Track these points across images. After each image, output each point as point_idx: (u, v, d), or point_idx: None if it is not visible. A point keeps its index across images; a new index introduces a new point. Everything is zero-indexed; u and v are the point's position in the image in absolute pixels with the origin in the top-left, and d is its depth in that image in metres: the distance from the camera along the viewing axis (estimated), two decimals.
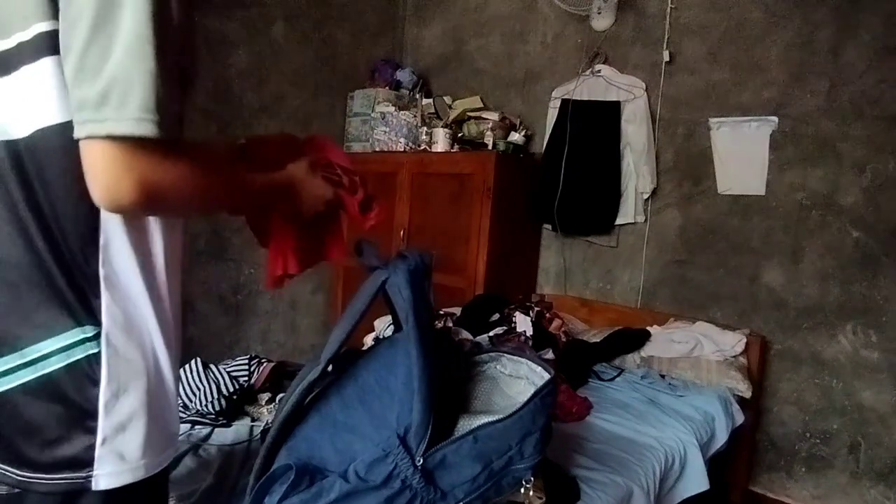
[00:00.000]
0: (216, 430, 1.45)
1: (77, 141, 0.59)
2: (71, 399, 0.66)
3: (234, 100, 2.92)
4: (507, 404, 0.98)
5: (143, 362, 0.70)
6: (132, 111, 0.57)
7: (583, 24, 2.92)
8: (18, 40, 0.62)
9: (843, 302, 2.28)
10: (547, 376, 0.99)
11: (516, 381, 1.05)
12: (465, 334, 2.18)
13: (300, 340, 3.41)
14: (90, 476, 0.67)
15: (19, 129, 0.63)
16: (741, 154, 2.48)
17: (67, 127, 0.60)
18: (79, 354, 0.66)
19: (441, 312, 2.44)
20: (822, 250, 2.32)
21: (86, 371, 0.66)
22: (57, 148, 0.63)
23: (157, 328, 0.72)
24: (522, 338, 2.18)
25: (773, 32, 2.41)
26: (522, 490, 0.93)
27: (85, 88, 0.57)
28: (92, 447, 0.67)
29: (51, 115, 0.62)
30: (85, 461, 0.66)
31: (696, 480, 1.76)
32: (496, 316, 2.39)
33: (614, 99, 2.75)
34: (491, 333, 2.23)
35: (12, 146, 0.64)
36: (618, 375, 2.27)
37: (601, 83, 2.80)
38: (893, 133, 2.17)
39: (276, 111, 3.11)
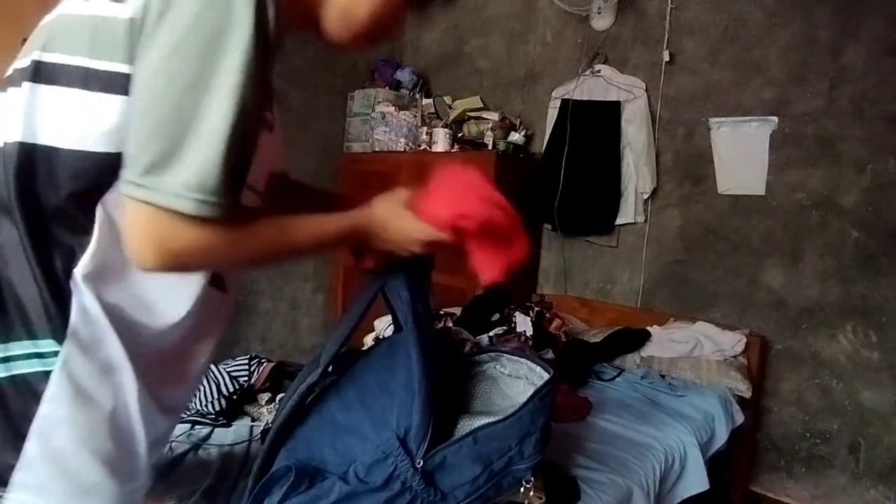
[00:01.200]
0: (216, 430, 1.46)
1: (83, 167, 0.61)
2: (11, 410, 0.62)
3: None
4: (507, 405, 0.98)
5: (105, 397, 0.65)
6: (176, 187, 0.57)
7: (583, 24, 2.92)
8: (87, 65, 0.61)
9: (843, 302, 2.28)
10: (546, 376, 0.99)
11: (516, 380, 1.05)
12: (465, 334, 2.18)
13: (300, 340, 3.41)
14: None
15: (53, 139, 0.62)
16: (741, 154, 2.48)
17: (81, 155, 0.62)
18: (24, 369, 0.62)
19: (441, 312, 2.44)
20: (822, 250, 2.32)
21: (31, 387, 0.62)
22: (76, 166, 0.63)
23: (131, 366, 0.67)
24: (522, 338, 2.18)
25: (773, 32, 2.41)
26: (522, 490, 0.93)
27: (147, 151, 0.57)
28: (12, 467, 0.62)
29: (86, 142, 0.62)
30: (2, 479, 0.62)
31: (696, 480, 1.76)
32: (496, 316, 2.39)
33: (614, 99, 2.75)
34: (491, 333, 2.23)
35: (30, 150, 0.63)
36: (618, 375, 2.27)
37: (601, 83, 2.80)
38: (893, 133, 2.17)
39: (277, 111, 3.10)
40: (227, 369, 1.67)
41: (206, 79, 0.57)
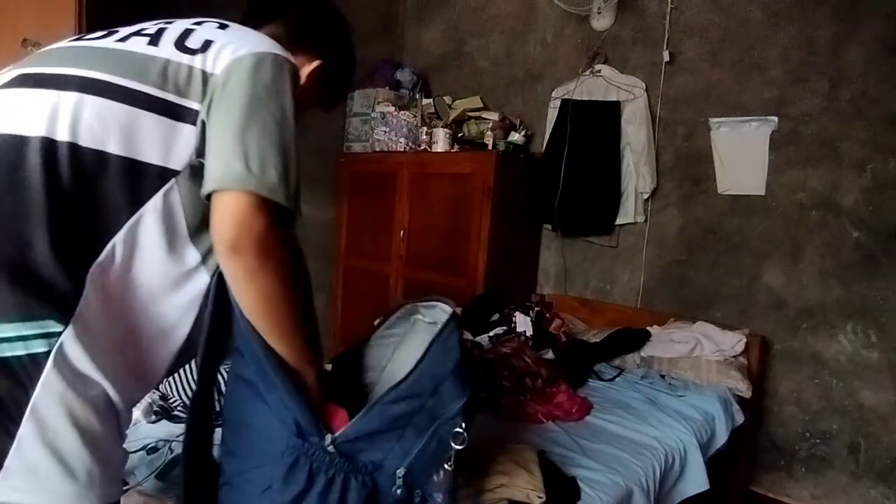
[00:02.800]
0: (216, 429, 1.45)
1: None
2: (1, 394, 0.64)
3: None
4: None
5: (95, 381, 0.69)
6: (271, 181, 0.74)
7: (583, 24, 2.92)
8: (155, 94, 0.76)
9: (843, 302, 2.28)
10: (448, 314, 0.96)
11: (434, 327, 1.02)
12: (465, 334, 2.18)
13: None
14: None
15: (103, 143, 0.72)
16: (741, 154, 2.48)
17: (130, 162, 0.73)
18: (22, 350, 0.64)
19: None
20: (822, 250, 2.32)
21: (28, 368, 0.64)
22: (116, 174, 0.73)
23: (121, 355, 0.73)
24: (522, 338, 2.18)
25: (773, 32, 2.41)
26: (454, 438, 0.89)
27: (235, 160, 0.73)
28: (4, 453, 0.63)
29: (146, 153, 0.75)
30: None
31: (696, 480, 1.76)
32: (496, 316, 2.39)
33: (614, 99, 2.75)
34: (491, 333, 2.24)
35: (76, 150, 0.71)
36: (618, 375, 2.27)
37: (601, 83, 2.80)
38: (893, 133, 2.17)
39: None
40: (227, 369, 1.67)
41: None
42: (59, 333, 0.65)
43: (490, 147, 2.88)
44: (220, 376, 1.60)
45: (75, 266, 0.68)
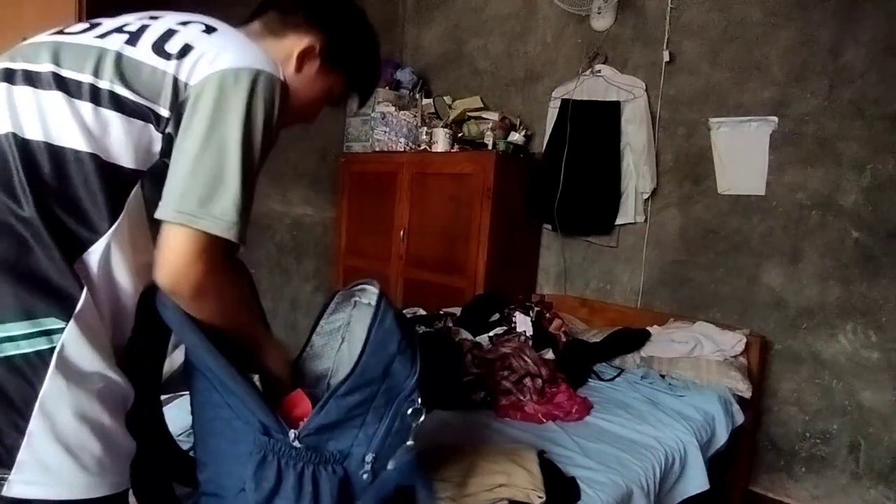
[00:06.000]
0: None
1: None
2: (9, 392, 0.65)
3: None
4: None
5: (100, 375, 0.70)
6: (222, 216, 0.73)
7: (583, 24, 2.92)
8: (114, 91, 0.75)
9: (843, 302, 2.28)
10: (375, 295, 0.97)
11: (371, 308, 1.01)
12: (465, 334, 2.18)
13: (300, 340, 3.40)
14: (4, 479, 0.64)
15: (74, 142, 0.72)
16: (741, 154, 2.48)
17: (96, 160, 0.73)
18: (28, 348, 0.65)
19: (441, 312, 2.44)
20: (822, 250, 2.32)
21: (33, 366, 0.65)
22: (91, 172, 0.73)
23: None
24: (522, 338, 2.18)
25: (773, 32, 2.41)
26: (411, 411, 0.90)
27: (193, 184, 0.73)
28: (16, 449, 0.64)
29: (104, 151, 0.74)
30: (6, 461, 0.64)
31: (696, 480, 1.76)
32: (496, 316, 2.39)
33: (614, 99, 2.75)
34: (491, 333, 2.23)
35: (57, 151, 0.72)
36: (618, 375, 2.27)
37: (601, 83, 2.80)
38: (893, 133, 2.17)
39: None
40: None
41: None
42: (61, 330, 0.67)
43: (490, 147, 2.88)
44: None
45: (72, 264, 0.69)
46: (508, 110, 3.14)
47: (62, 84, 0.74)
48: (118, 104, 0.74)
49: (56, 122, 0.72)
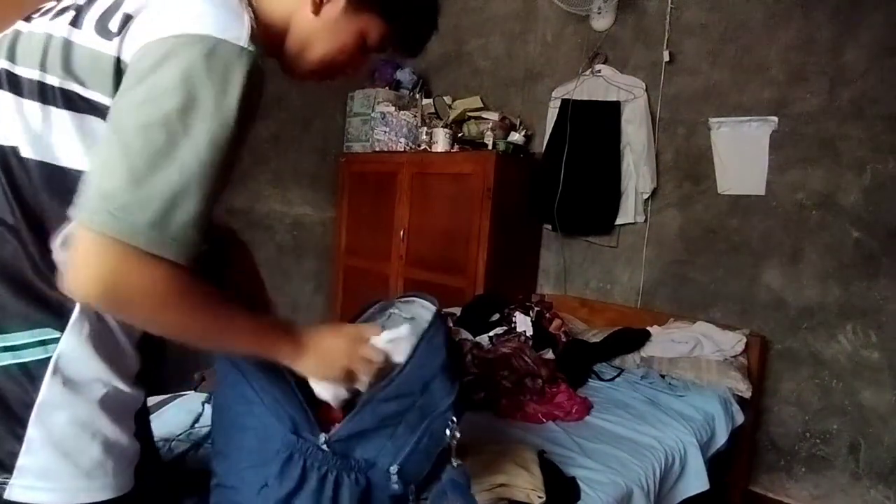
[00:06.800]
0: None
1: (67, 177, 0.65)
2: (8, 400, 0.64)
3: None
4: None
5: (100, 383, 0.68)
6: (144, 220, 0.58)
7: (583, 24, 2.92)
8: (67, 87, 0.66)
9: (843, 302, 2.28)
10: (432, 312, 0.96)
11: (411, 322, 1.03)
12: (465, 334, 2.18)
13: None
14: (5, 483, 0.64)
15: (27, 151, 0.66)
16: (741, 154, 2.48)
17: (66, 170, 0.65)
18: (26, 357, 0.64)
19: (441, 312, 2.43)
20: (822, 250, 2.32)
21: (31, 374, 0.64)
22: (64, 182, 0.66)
23: (124, 354, 0.71)
24: (522, 338, 2.18)
25: (773, 32, 2.41)
26: (449, 432, 0.90)
27: (113, 182, 0.59)
28: (15, 455, 0.64)
29: (67, 157, 0.66)
30: (7, 466, 0.64)
31: (696, 480, 1.76)
32: (496, 316, 2.39)
33: (614, 99, 2.75)
34: (491, 333, 2.23)
35: (26, 162, 0.66)
36: (618, 375, 2.27)
37: (601, 83, 2.80)
38: (893, 133, 2.17)
39: (277, 111, 3.11)
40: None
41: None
42: (57, 340, 0.66)
43: (490, 147, 2.88)
44: None
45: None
46: (508, 110, 3.14)
47: (14, 83, 0.67)
48: (68, 101, 0.66)
49: (6, 125, 0.66)
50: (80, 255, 0.59)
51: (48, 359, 0.65)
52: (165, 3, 0.65)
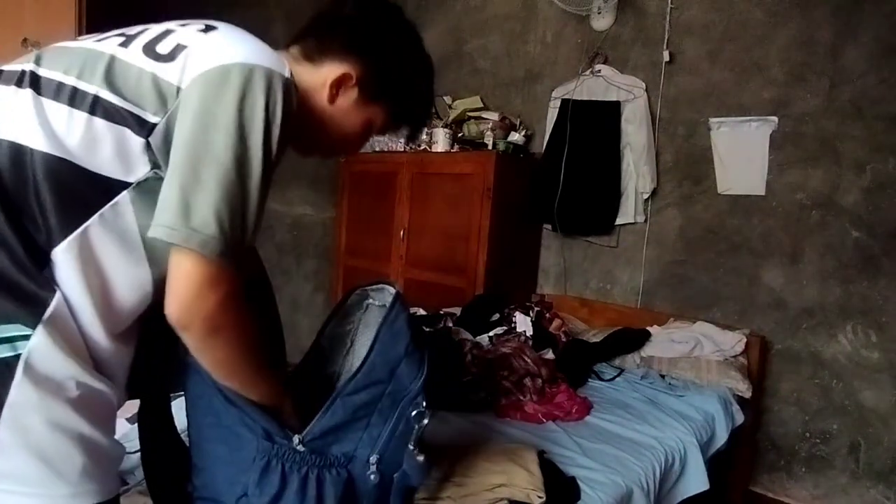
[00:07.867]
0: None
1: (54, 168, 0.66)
2: None
3: None
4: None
5: (74, 382, 0.66)
6: (201, 228, 0.67)
7: (583, 24, 2.92)
8: (104, 97, 0.70)
9: (843, 302, 2.28)
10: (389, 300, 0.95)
11: (384, 310, 1.01)
12: (465, 334, 2.18)
13: (300, 341, 3.40)
14: None
15: (39, 143, 0.67)
16: (741, 154, 2.48)
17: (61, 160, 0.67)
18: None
19: (441, 312, 2.44)
20: (822, 250, 2.32)
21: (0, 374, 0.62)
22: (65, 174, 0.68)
23: (96, 352, 0.69)
24: (522, 338, 2.18)
25: (773, 32, 2.41)
26: (416, 414, 0.90)
27: (171, 194, 0.67)
28: None
29: (86, 159, 0.69)
30: None
31: (696, 480, 1.76)
32: (496, 316, 2.39)
33: (614, 99, 2.75)
34: (491, 333, 2.23)
35: (25, 153, 0.67)
36: (618, 375, 2.27)
37: (601, 83, 2.80)
38: (893, 133, 2.17)
39: None
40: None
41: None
42: (27, 337, 0.63)
43: (490, 147, 2.88)
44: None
45: (42, 267, 0.65)
46: (508, 110, 3.14)
47: (35, 82, 0.70)
48: (98, 108, 0.69)
49: (17, 119, 0.67)
50: (185, 287, 0.68)
51: (17, 356, 0.62)
52: (220, 41, 0.75)
